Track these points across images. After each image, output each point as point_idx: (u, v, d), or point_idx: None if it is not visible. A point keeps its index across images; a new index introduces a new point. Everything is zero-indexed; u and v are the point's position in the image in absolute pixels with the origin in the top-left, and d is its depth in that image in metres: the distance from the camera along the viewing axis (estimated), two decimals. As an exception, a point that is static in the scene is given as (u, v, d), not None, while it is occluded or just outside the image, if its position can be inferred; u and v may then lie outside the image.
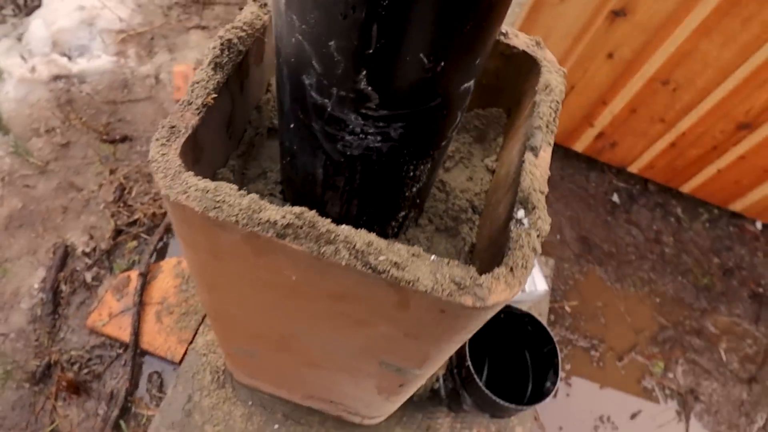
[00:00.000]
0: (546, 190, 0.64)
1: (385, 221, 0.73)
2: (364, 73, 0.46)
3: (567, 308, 1.88)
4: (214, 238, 0.59)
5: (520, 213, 0.62)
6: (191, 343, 1.45)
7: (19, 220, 1.58)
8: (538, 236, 0.59)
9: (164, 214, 1.70)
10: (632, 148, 2.06)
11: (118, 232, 1.63)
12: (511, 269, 0.57)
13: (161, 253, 1.66)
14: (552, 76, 0.75)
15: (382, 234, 0.78)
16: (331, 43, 0.44)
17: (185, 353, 1.44)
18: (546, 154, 0.68)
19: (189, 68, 1.99)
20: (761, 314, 2.04)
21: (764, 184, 2.00)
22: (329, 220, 0.54)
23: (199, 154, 0.64)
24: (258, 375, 1.21)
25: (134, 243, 1.63)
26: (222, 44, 0.62)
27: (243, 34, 0.65)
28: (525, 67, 0.80)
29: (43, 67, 1.83)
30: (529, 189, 0.63)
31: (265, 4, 0.69)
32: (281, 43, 0.51)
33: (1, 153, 1.68)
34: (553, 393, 1.18)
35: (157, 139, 0.56)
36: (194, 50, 2.08)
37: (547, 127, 0.69)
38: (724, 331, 1.96)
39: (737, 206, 2.15)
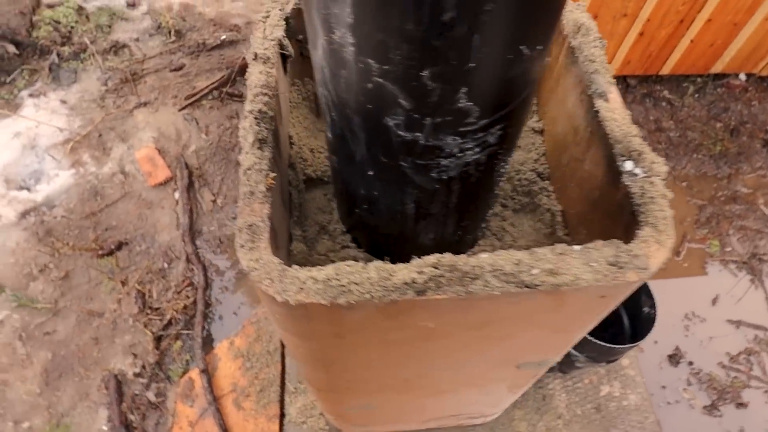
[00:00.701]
0: (637, 131, 0.60)
1: (477, 226, 0.68)
2: (464, 90, 0.40)
3: (608, 228, 1.86)
4: (339, 320, 0.53)
5: (628, 165, 0.57)
6: (283, 417, 1.39)
7: (57, 370, 1.48)
8: (661, 180, 0.55)
9: (194, 303, 1.62)
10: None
11: (158, 339, 1.54)
12: (654, 225, 0.52)
13: (208, 341, 1.58)
14: (578, 15, 0.70)
15: (474, 239, 0.73)
16: (424, 72, 0.38)
17: (281, 428, 1.38)
18: (615, 95, 0.63)
19: (151, 150, 1.88)
20: (780, 157, 2.05)
21: (737, 38, 2.00)
22: (463, 255, 0.48)
23: (276, 240, 0.58)
24: (372, 421, 1.16)
25: (179, 343, 1.55)
26: (256, 117, 0.56)
27: (266, 98, 0.58)
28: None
29: (7, 209, 1.71)
30: (625, 136, 0.58)
31: (269, 59, 0.63)
32: (347, 94, 0.45)
33: (6, 312, 1.57)
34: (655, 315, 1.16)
35: (242, 246, 0.50)
36: (146, 130, 1.97)
37: (604, 67, 0.64)
38: (755, 187, 1.97)
39: (718, 67, 2.15)
